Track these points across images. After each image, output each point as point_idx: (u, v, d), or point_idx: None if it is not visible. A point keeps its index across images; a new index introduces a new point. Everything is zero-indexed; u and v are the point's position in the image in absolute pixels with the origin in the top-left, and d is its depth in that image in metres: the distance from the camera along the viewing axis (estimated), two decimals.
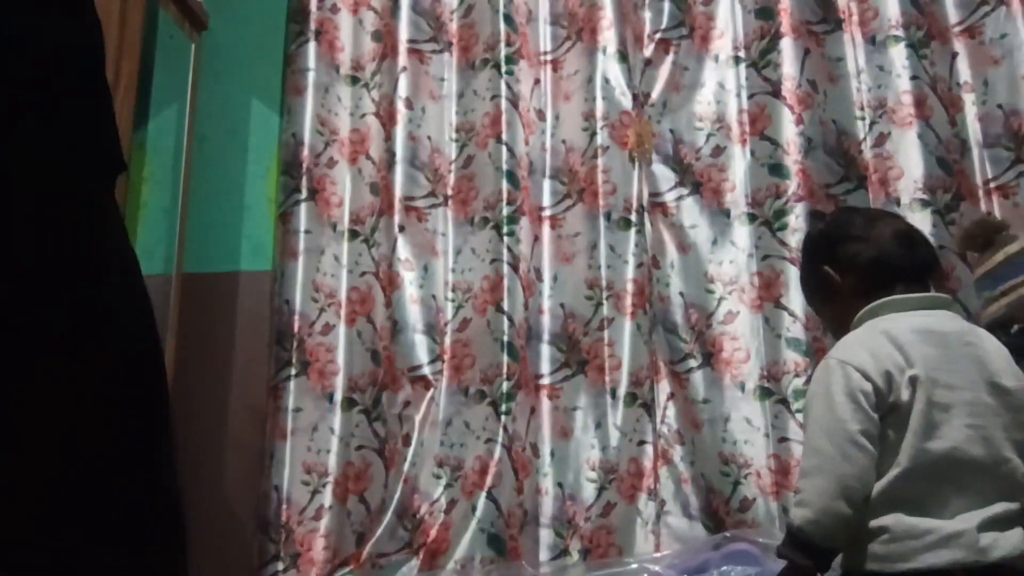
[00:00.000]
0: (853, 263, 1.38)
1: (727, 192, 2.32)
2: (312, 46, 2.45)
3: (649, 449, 2.18)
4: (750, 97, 2.34)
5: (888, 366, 1.24)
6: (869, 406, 1.22)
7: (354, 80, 2.48)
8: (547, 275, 2.32)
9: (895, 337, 1.26)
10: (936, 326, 1.29)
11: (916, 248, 1.39)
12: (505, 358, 2.16)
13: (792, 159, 2.26)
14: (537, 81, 2.44)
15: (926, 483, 1.20)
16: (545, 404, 2.21)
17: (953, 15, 2.35)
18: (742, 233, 2.27)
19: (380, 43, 2.50)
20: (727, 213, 2.30)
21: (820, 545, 1.21)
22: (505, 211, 2.27)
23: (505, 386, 2.14)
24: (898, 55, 2.28)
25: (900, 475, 1.21)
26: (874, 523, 1.21)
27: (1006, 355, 1.30)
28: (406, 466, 2.15)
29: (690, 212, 2.33)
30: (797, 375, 2.12)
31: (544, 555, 2.08)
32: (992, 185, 2.25)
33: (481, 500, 2.06)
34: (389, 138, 2.38)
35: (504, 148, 2.31)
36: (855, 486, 1.20)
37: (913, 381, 1.22)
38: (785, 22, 2.33)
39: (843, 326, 1.38)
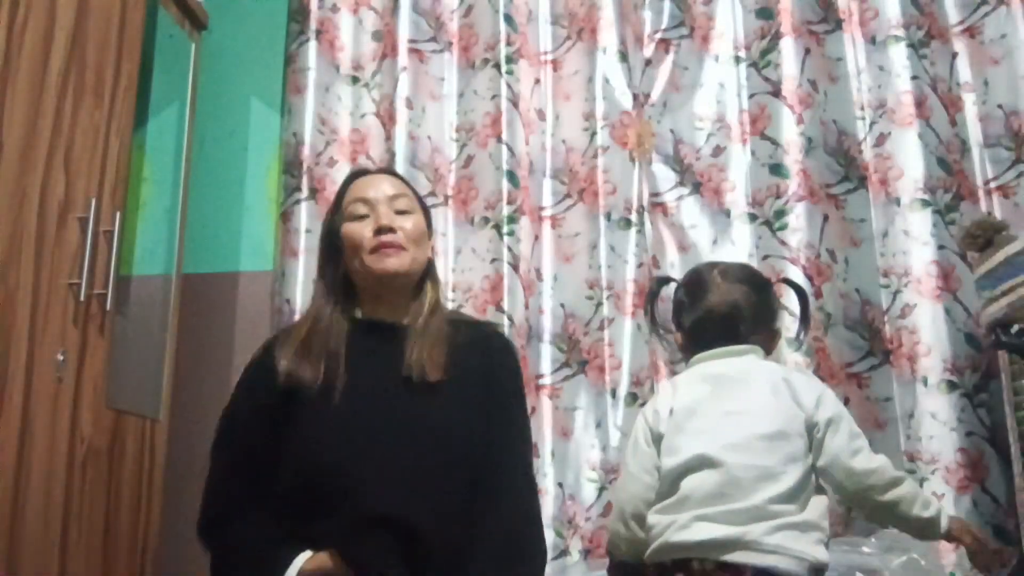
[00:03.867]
0: (684, 327, 1.67)
1: (727, 192, 2.32)
2: (312, 46, 2.46)
3: None
4: (750, 97, 2.34)
5: (658, 406, 1.54)
6: (644, 441, 1.53)
7: (354, 80, 2.48)
8: (547, 275, 2.32)
9: (676, 382, 1.59)
10: (716, 369, 1.56)
11: (732, 318, 1.61)
12: None
13: (792, 159, 2.25)
14: (537, 81, 2.44)
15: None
16: (545, 404, 2.21)
17: (953, 15, 2.35)
18: (742, 233, 2.27)
19: (380, 43, 2.50)
20: (727, 213, 2.30)
21: (612, 555, 1.55)
22: (505, 211, 2.27)
23: None
24: (898, 55, 2.28)
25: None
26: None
27: (782, 379, 1.53)
28: None
29: (690, 212, 2.33)
30: None
31: None
32: (992, 185, 2.25)
33: None
34: (389, 138, 2.38)
35: (504, 148, 2.31)
36: (628, 509, 1.51)
37: (671, 412, 1.52)
38: (785, 22, 2.33)
39: None
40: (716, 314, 1.61)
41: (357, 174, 1.62)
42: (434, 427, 1.40)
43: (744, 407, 1.48)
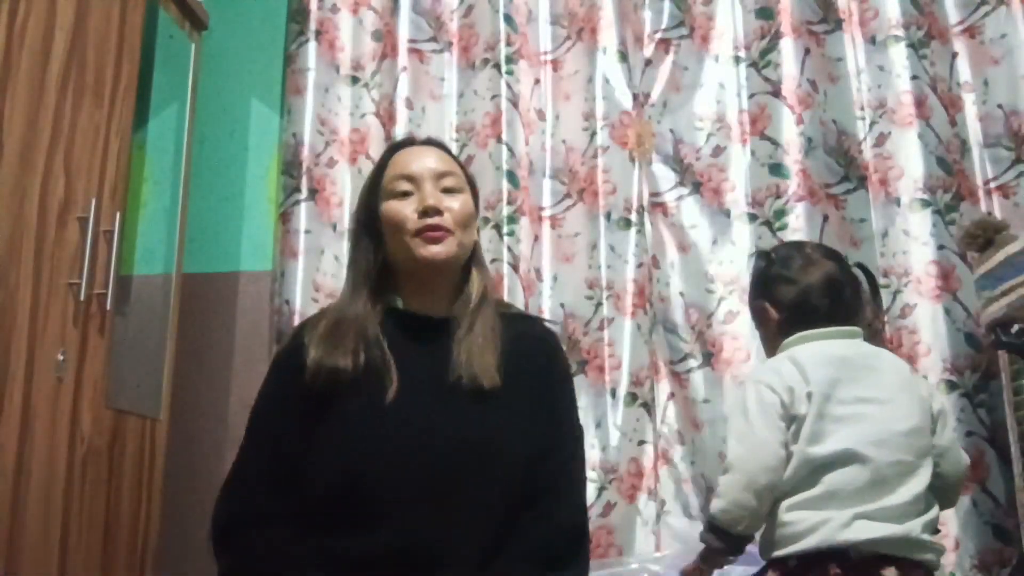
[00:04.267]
0: (783, 302, 1.60)
1: (727, 192, 2.32)
2: (312, 46, 2.46)
3: (649, 449, 2.18)
4: (750, 97, 2.34)
5: (791, 383, 1.46)
6: (776, 415, 1.45)
7: (354, 80, 2.48)
8: (547, 275, 2.32)
9: (798, 361, 1.50)
10: (838, 350, 1.52)
11: (836, 293, 1.60)
12: None
13: (792, 159, 2.26)
14: (537, 81, 2.44)
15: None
16: None
17: (953, 15, 2.35)
18: (742, 233, 2.27)
19: (380, 43, 2.50)
20: (727, 213, 2.30)
21: (730, 530, 1.44)
22: (505, 211, 2.27)
23: None
24: (898, 55, 2.27)
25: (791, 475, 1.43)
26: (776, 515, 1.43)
27: (906, 370, 1.55)
28: None
29: (690, 212, 2.33)
30: None
31: None
32: (992, 185, 2.24)
33: None
34: (389, 138, 2.38)
35: (504, 148, 2.31)
36: (761, 481, 1.42)
37: (809, 396, 1.44)
38: (785, 22, 2.33)
39: (772, 352, 1.61)
40: (820, 289, 1.58)
41: (400, 145, 1.45)
42: (489, 445, 1.27)
43: (878, 395, 1.47)
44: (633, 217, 2.30)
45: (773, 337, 1.61)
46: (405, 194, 1.35)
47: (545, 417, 1.33)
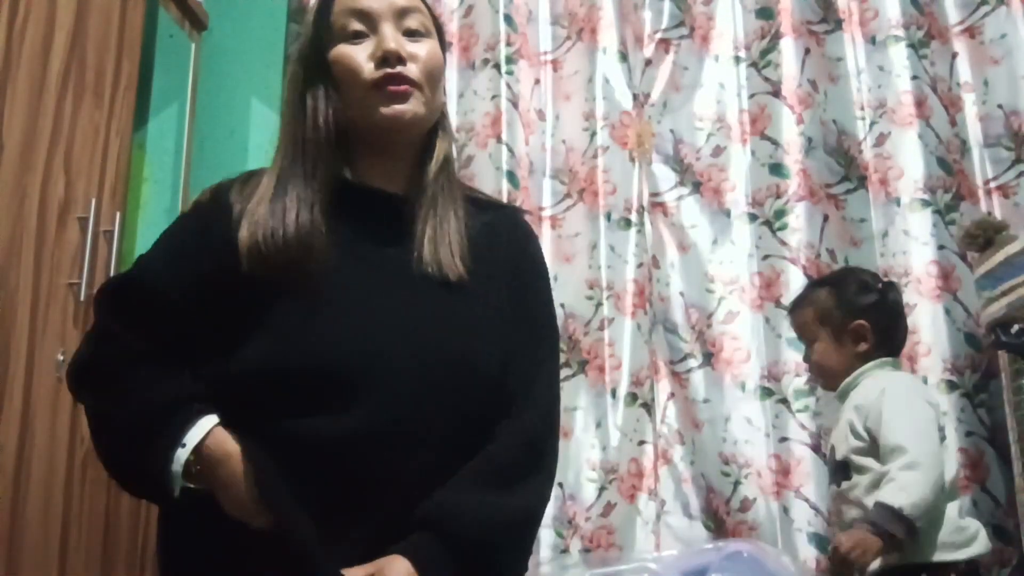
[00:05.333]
0: (888, 329, 1.79)
1: (727, 192, 2.32)
2: None
3: (649, 449, 2.18)
4: (750, 97, 2.34)
5: (936, 400, 1.72)
6: (937, 428, 1.64)
7: None
8: None
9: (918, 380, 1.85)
10: None
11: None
12: None
13: (792, 159, 2.26)
14: (537, 81, 2.44)
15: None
16: None
17: (953, 15, 2.35)
18: (742, 233, 2.27)
19: None
20: (727, 213, 2.30)
21: (916, 524, 1.52)
22: None
23: None
24: (898, 55, 2.28)
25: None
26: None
27: None
28: None
29: (690, 212, 2.33)
30: (798, 375, 2.12)
31: (545, 554, 2.08)
32: (992, 185, 2.24)
33: None
34: None
35: (504, 148, 2.31)
36: (940, 487, 1.57)
37: (944, 414, 1.71)
38: (785, 22, 2.34)
39: (841, 370, 1.78)
40: (904, 322, 1.86)
41: None
42: (463, 341, 1.08)
43: None
44: (633, 217, 2.30)
45: (853, 355, 1.77)
46: (357, 35, 1.08)
47: (519, 314, 1.15)
